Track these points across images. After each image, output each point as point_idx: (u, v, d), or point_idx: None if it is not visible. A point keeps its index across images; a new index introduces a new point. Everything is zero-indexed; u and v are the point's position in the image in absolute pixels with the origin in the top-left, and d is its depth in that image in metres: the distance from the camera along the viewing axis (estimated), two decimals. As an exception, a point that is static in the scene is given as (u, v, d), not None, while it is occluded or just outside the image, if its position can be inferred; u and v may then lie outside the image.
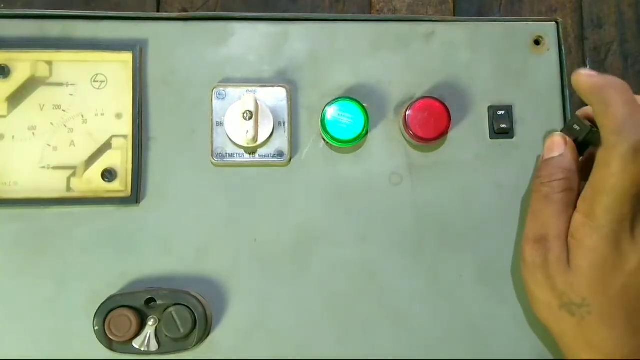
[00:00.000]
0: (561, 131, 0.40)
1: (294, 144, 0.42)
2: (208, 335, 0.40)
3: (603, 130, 0.35)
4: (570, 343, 0.37)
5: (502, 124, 0.42)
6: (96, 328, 0.38)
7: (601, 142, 0.35)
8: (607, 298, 0.35)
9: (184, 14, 0.43)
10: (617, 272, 0.35)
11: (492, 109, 0.43)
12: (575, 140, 0.39)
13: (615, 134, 0.33)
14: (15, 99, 0.41)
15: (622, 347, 0.35)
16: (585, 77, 0.35)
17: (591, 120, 0.39)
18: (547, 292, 0.37)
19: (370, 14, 0.52)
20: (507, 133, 0.42)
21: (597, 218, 0.35)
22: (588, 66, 0.53)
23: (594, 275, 0.35)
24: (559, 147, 0.38)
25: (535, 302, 0.38)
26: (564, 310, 0.36)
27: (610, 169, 0.34)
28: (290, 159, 0.42)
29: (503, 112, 0.42)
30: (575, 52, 0.52)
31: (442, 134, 0.40)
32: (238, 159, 0.41)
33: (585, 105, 0.38)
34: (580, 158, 0.39)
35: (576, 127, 0.39)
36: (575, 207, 0.37)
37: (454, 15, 0.52)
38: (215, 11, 0.51)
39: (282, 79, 0.43)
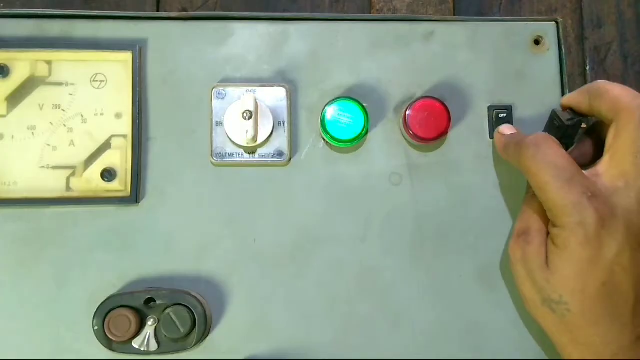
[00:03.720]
0: (545, 130, 0.41)
1: (293, 144, 0.42)
2: (207, 335, 0.40)
3: (518, 165, 0.38)
4: (559, 340, 0.37)
5: (501, 124, 0.42)
6: (96, 328, 0.38)
7: (580, 131, 0.38)
8: (585, 295, 0.35)
9: (183, 14, 0.43)
10: (593, 267, 0.35)
11: (492, 109, 0.43)
12: (560, 139, 0.38)
13: (513, 151, 0.38)
14: (15, 98, 0.41)
15: (610, 344, 0.35)
16: (498, 139, 0.41)
17: (572, 109, 0.40)
18: (529, 288, 0.37)
19: (370, 13, 0.52)
20: (507, 133, 0.42)
21: (557, 216, 0.35)
22: (588, 66, 0.53)
23: (568, 273, 0.35)
24: None
25: (523, 298, 0.38)
26: (546, 306, 0.36)
27: (532, 173, 0.36)
28: (290, 159, 0.42)
29: (503, 112, 0.42)
30: (575, 51, 0.52)
31: (442, 134, 0.40)
32: (238, 159, 0.41)
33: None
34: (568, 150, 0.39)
35: (556, 123, 0.39)
36: None
37: (454, 15, 0.52)
38: (214, 10, 0.51)
39: (281, 78, 0.42)
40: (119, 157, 0.41)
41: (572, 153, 0.39)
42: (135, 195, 0.41)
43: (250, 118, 0.39)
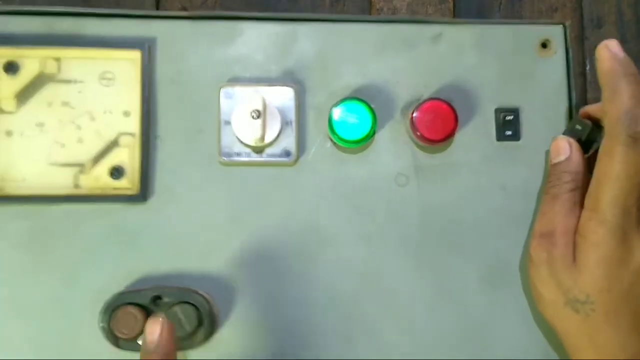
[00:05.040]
0: (564, 133, 0.41)
1: (301, 144, 0.42)
2: (214, 333, 0.40)
3: (606, 118, 0.36)
4: (575, 342, 0.37)
5: (508, 126, 0.42)
6: (102, 325, 0.39)
7: (603, 134, 0.36)
8: (612, 296, 0.35)
9: (193, 13, 0.43)
10: (623, 269, 0.35)
11: (499, 111, 0.43)
12: (578, 140, 0.40)
13: (618, 123, 0.35)
14: (24, 95, 0.41)
15: (627, 347, 0.35)
16: (606, 59, 0.36)
17: (592, 119, 0.40)
18: (551, 289, 0.37)
19: (370, 13, 0.52)
20: (514, 135, 0.43)
21: (602, 211, 0.35)
22: (588, 66, 0.53)
23: (598, 272, 0.35)
24: (564, 150, 0.39)
25: (539, 300, 0.38)
26: (569, 308, 0.36)
27: (613, 158, 0.35)
28: (297, 159, 0.42)
29: (510, 115, 0.42)
30: (575, 51, 0.53)
31: (449, 136, 0.41)
32: (245, 158, 0.41)
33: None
34: (586, 155, 0.40)
35: (578, 127, 0.40)
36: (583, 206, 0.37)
37: (454, 14, 0.52)
38: (214, 10, 0.51)
39: (289, 78, 0.43)
40: (127, 155, 0.41)
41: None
42: (143, 193, 0.41)
43: (258, 118, 0.39)
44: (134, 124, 0.41)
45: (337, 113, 0.41)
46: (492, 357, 0.41)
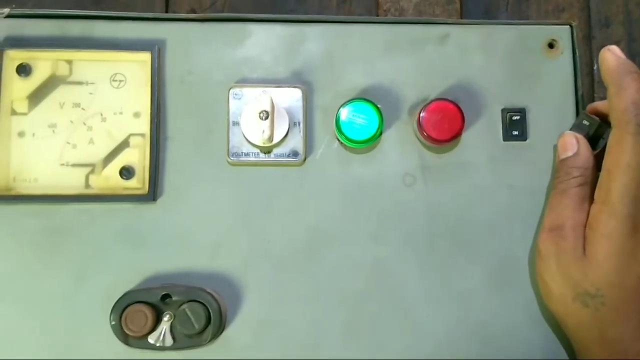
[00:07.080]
0: (571, 129, 0.41)
1: (308, 144, 0.43)
2: (222, 331, 0.40)
3: (614, 112, 0.36)
4: (584, 337, 0.37)
5: (515, 126, 0.42)
6: (113, 323, 0.39)
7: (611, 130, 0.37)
8: (622, 290, 0.35)
9: (201, 15, 0.44)
10: (634, 261, 0.35)
11: (506, 111, 0.43)
12: (586, 136, 0.40)
13: (626, 113, 0.35)
14: (36, 97, 0.42)
15: (637, 340, 0.35)
16: (611, 59, 0.38)
17: (599, 115, 0.40)
18: (560, 283, 0.37)
19: (378, 14, 0.52)
20: (521, 135, 0.43)
21: (612, 202, 0.35)
22: (595, 66, 0.53)
23: (609, 265, 0.35)
24: (571, 146, 0.39)
25: (548, 294, 0.38)
26: (578, 302, 0.36)
27: (623, 148, 0.35)
28: (305, 159, 0.42)
29: (517, 115, 0.43)
30: (583, 51, 0.53)
31: (456, 136, 0.41)
32: (254, 159, 0.42)
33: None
34: (594, 152, 0.40)
35: (585, 122, 0.40)
36: (592, 201, 0.37)
37: (461, 15, 0.52)
38: (223, 11, 0.52)
39: (297, 79, 0.43)
40: (137, 156, 0.42)
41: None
42: (152, 193, 0.41)
43: (266, 118, 0.40)
44: (144, 125, 0.42)
45: (344, 113, 0.41)
46: (499, 356, 0.41)
